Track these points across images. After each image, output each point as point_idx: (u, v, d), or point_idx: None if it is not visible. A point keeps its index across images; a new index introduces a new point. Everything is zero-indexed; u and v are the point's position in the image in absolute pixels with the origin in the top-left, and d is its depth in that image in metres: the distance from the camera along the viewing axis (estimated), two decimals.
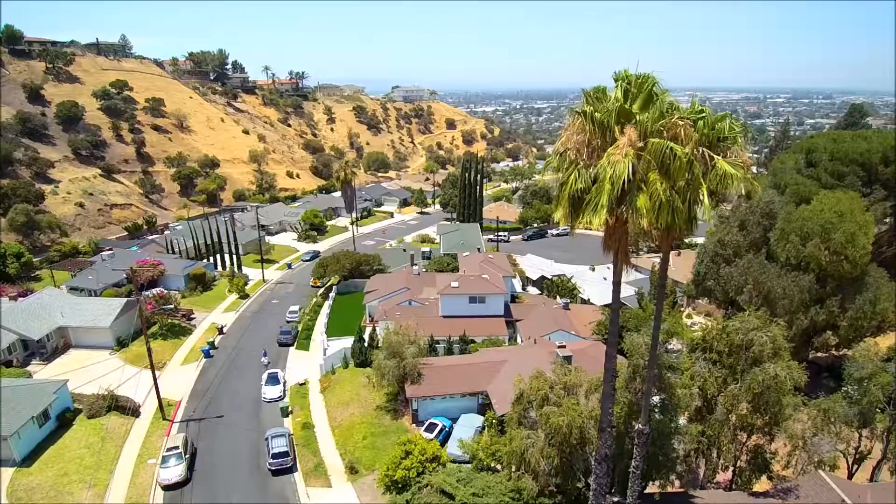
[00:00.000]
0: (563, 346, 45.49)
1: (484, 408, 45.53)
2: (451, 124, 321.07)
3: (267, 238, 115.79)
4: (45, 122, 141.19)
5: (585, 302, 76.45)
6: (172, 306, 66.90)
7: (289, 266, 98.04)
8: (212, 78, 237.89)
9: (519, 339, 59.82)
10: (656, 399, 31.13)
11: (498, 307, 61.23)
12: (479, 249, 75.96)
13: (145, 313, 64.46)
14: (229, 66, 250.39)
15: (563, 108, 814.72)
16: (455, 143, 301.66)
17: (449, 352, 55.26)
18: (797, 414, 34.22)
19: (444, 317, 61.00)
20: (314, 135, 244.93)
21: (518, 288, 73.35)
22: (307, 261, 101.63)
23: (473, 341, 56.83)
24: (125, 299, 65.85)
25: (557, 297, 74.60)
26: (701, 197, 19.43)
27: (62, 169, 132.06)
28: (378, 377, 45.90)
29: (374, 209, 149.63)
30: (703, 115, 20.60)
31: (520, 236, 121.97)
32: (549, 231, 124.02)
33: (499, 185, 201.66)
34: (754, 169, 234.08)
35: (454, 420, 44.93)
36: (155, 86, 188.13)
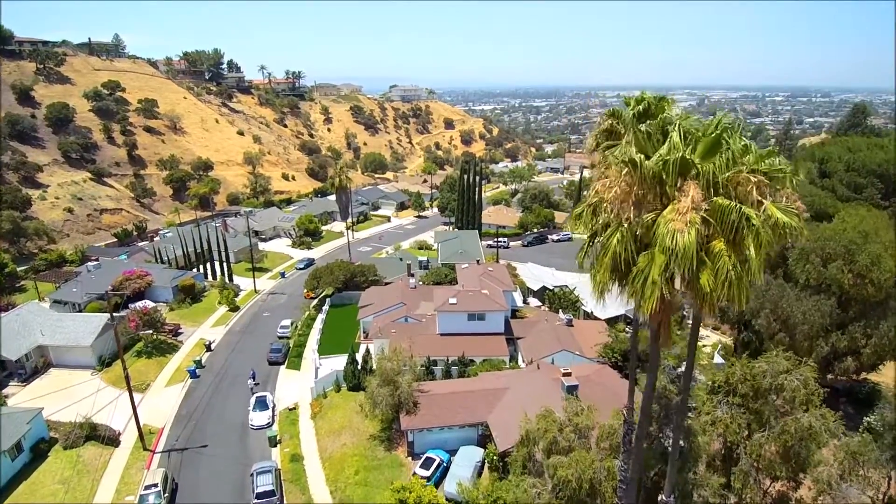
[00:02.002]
0: (569, 374, 42.68)
1: (484, 439, 42.76)
2: (449, 124, 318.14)
3: (260, 244, 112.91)
4: (35, 125, 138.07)
5: (589, 315, 73.67)
6: (151, 331, 63.71)
7: (282, 275, 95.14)
8: (207, 78, 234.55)
9: (520, 359, 57.05)
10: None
11: (498, 324, 58.43)
12: (478, 261, 73.08)
13: (129, 332, 61.86)
14: (224, 66, 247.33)
15: (562, 106, 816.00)
16: (453, 143, 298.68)
17: (447, 374, 52.48)
18: (824, 456, 31.55)
19: (442, 334, 58.17)
20: (311, 135, 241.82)
21: (519, 301, 70.54)
22: (301, 269, 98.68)
23: (473, 362, 54.13)
24: (108, 315, 62.82)
25: (560, 311, 71.80)
26: (750, 253, 15.93)
27: (51, 172, 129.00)
28: (371, 406, 43.05)
29: (371, 213, 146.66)
30: (748, 150, 17.44)
31: (519, 242, 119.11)
32: (549, 236, 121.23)
33: (498, 187, 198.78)
34: None
35: (452, 452, 42.15)
36: (148, 86, 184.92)
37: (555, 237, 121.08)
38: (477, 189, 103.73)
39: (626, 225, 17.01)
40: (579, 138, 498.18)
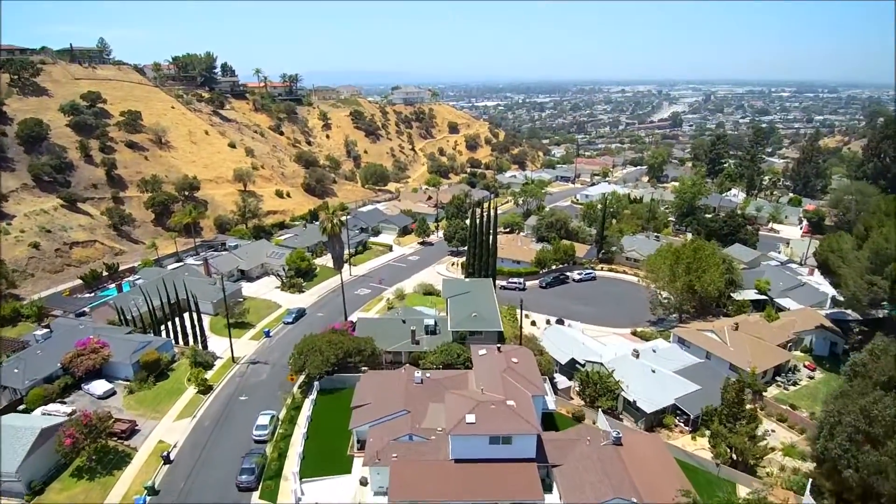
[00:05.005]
0: None
1: None
2: (453, 128, 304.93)
3: (245, 286, 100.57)
4: (4, 144, 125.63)
5: (630, 405, 61.15)
6: (97, 441, 51.39)
7: (266, 334, 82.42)
8: (199, 83, 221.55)
9: (557, 496, 44.65)
10: None
11: (528, 448, 45.91)
12: (498, 348, 59.31)
13: (65, 449, 49.54)
14: (217, 70, 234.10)
15: (566, 102, 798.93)
16: (458, 149, 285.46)
17: None
18: None
19: (457, 460, 45.83)
20: (308, 142, 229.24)
21: (551, 403, 57.42)
22: (289, 323, 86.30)
23: None
24: (39, 428, 50.48)
25: (598, 407, 59.27)
26: None
27: (18, 200, 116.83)
28: None
29: (371, 240, 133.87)
30: None
31: (536, 282, 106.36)
32: (569, 275, 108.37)
33: (507, 201, 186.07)
34: (781, 180, 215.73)
35: None
36: (133, 95, 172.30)
37: (576, 276, 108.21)
38: (491, 234, 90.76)
39: None
40: (585, 138, 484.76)
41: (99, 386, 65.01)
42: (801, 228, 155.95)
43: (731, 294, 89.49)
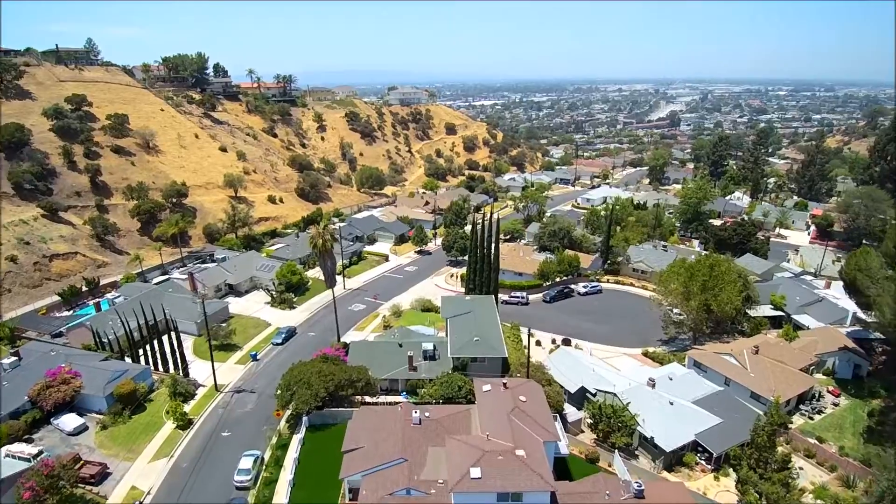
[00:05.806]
0: None
1: None
2: (451, 129, 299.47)
3: (233, 301, 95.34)
4: None
5: (646, 441, 56.26)
6: (67, 489, 46.10)
7: (253, 357, 77.15)
8: (190, 84, 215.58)
9: None
10: None
11: None
12: (504, 384, 53.80)
13: (24, 503, 44.31)
14: (209, 71, 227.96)
15: (564, 101, 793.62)
16: (455, 151, 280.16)
17: None
18: None
19: None
20: (303, 145, 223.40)
21: (563, 447, 51.80)
22: (278, 344, 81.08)
23: None
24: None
25: (613, 443, 54.31)
26: None
27: None
28: None
29: (366, 249, 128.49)
30: None
31: (540, 295, 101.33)
32: (574, 288, 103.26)
33: (507, 206, 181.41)
34: (786, 181, 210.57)
35: None
36: (120, 98, 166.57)
37: (581, 288, 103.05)
38: (493, 246, 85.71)
39: None
40: (584, 138, 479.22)
41: (70, 421, 59.87)
42: (808, 234, 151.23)
43: (747, 311, 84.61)
